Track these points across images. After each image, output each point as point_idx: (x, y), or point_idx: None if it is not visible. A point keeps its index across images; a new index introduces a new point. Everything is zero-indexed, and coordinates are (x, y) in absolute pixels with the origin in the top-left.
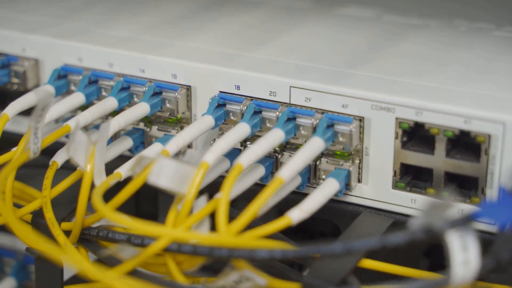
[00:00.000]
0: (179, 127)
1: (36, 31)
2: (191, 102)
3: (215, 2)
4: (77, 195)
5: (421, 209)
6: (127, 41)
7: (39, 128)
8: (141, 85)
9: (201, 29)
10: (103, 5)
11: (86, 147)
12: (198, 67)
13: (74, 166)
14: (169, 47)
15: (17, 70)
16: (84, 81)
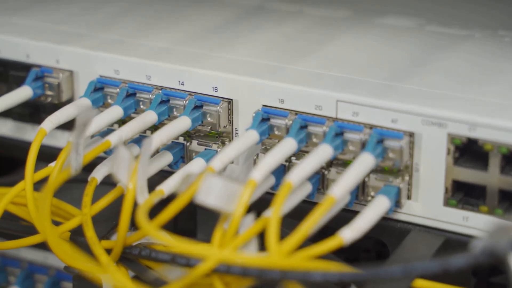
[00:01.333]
0: (220, 141)
1: (70, 42)
2: (232, 116)
3: (250, 12)
4: (114, 212)
5: (484, 230)
6: (165, 53)
7: (80, 144)
8: (181, 98)
9: (239, 39)
10: (134, 15)
11: (129, 163)
12: (240, 80)
13: (113, 181)
14: (209, 59)
15: (51, 82)
16: (122, 94)
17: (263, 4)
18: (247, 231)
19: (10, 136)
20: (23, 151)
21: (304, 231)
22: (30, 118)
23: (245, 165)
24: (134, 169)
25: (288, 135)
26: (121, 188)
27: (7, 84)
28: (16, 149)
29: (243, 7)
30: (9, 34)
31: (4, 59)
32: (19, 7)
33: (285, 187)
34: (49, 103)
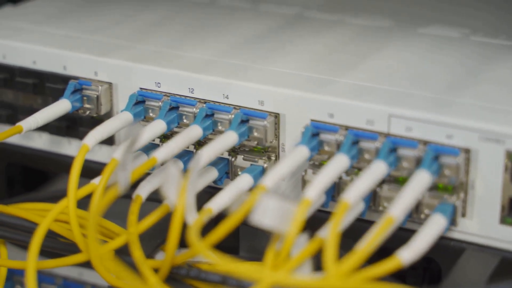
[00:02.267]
0: (266, 157)
1: (109, 54)
2: (279, 131)
3: (290, 21)
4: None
5: None
6: (208, 64)
7: (129, 162)
8: (226, 112)
9: (283, 50)
10: (171, 25)
11: (177, 180)
12: (288, 93)
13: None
14: (253, 71)
15: (89, 95)
16: (164, 108)
17: (302, 12)
18: (301, 252)
19: (45, 149)
20: (59, 165)
21: (363, 252)
22: (67, 132)
23: (291, 181)
24: (183, 186)
25: (340, 151)
26: (167, 206)
27: (43, 96)
28: (51, 162)
29: (282, 16)
30: (44, 44)
31: (40, 70)
32: (49, 16)
33: (342, 206)
34: (87, 116)
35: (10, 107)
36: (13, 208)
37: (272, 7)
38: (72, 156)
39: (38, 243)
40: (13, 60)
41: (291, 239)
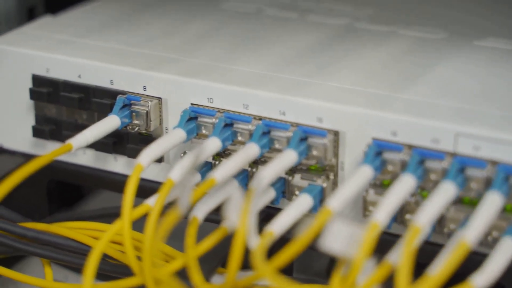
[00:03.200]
0: (324, 176)
1: (158, 68)
2: (338, 149)
3: (341, 33)
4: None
5: None
6: (262, 79)
7: (190, 183)
8: (284, 129)
9: (338, 65)
10: (219, 36)
11: (238, 202)
12: (348, 110)
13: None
14: (310, 87)
15: (138, 110)
16: (219, 125)
17: (352, 24)
18: (369, 278)
19: (90, 166)
20: (104, 182)
21: (438, 278)
22: (114, 148)
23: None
24: (245, 208)
25: (406, 171)
26: (225, 228)
27: (88, 111)
28: (96, 179)
29: (331, 27)
30: (90, 58)
31: (85, 84)
32: (91, 28)
33: (414, 231)
34: (134, 132)
35: (53, 122)
36: (57, 227)
37: (320, 18)
38: (119, 173)
39: (94, 266)
40: (57, 73)
41: (359, 264)
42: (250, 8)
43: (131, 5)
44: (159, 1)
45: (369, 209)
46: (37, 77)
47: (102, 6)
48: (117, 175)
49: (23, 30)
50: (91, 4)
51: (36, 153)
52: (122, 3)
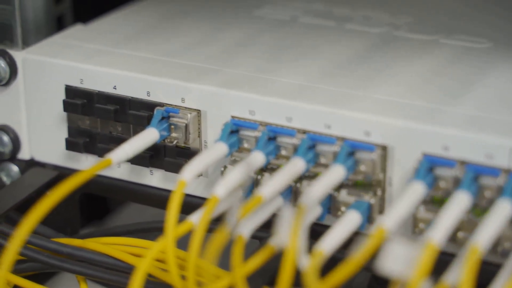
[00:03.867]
0: (372, 191)
1: (197, 79)
2: (386, 164)
3: (381, 42)
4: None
5: None
6: (305, 91)
7: (237, 200)
8: (330, 143)
9: (382, 75)
10: (256, 46)
11: (289, 221)
12: (397, 124)
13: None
14: (356, 99)
15: (177, 123)
16: (262, 138)
17: (391, 32)
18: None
19: (125, 179)
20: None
21: None
22: (150, 162)
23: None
24: (295, 226)
25: (460, 188)
26: (272, 246)
27: (124, 124)
28: (131, 193)
29: (370, 36)
30: (126, 68)
31: (121, 96)
32: (125, 37)
33: (473, 252)
34: (172, 145)
35: (87, 134)
36: (92, 242)
37: (357, 26)
38: (155, 187)
39: (139, 286)
40: (92, 85)
41: (416, 286)
42: (284, 15)
43: (163, 12)
44: (191, 8)
45: (419, 226)
46: (70, 88)
47: (133, 14)
48: (153, 189)
49: (54, 39)
50: (122, 12)
51: (69, 166)
52: (153, 11)
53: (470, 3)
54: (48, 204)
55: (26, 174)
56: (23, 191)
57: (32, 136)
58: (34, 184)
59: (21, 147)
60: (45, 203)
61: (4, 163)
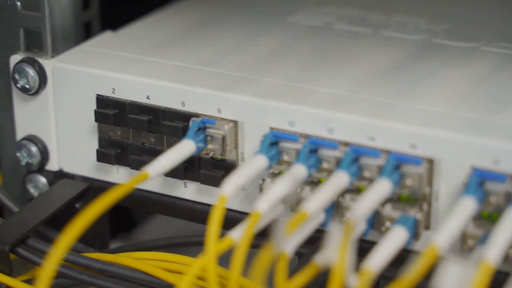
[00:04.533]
0: (418, 206)
1: (234, 89)
2: (432, 177)
3: (420, 50)
4: None
5: None
6: (346, 102)
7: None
8: (374, 156)
9: (425, 85)
10: (291, 55)
11: (337, 239)
12: (444, 136)
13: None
14: (400, 109)
15: (214, 134)
16: (304, 151)
17: (430, 39)
18: None
19: (158, 192)
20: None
21: None
22: (185, 174)
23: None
24: (343, 244)
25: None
26: (317, 264)
27: (157, 134)
28: (164, 207)
29: (409, 43)
30: (160, 77)
31: (154, 106)
32: (156, 45)
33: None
34: (208, 157)
35: (118, 145)
36: (125, 258)
37: (394, 33)
38: (189, 200)
39: None
40: (124, 94)
41: None
42: (318, 22)
43: (194, 19)
44: (222, 14)
45: (468, 243)
46: (102, 98)
47: (163, 21)
48: (187, 202)
49: (84, 47)
50: (151, 18)
51: (99, 177)
52: (183, 18)
53: (506, 9)
54: (85, 220)
55: (55, 186)
56: (53, 204)
57: (61, 146)
58: (64, 197)
59: (50, 158)
60: (82, 219)
61: (31, 175)
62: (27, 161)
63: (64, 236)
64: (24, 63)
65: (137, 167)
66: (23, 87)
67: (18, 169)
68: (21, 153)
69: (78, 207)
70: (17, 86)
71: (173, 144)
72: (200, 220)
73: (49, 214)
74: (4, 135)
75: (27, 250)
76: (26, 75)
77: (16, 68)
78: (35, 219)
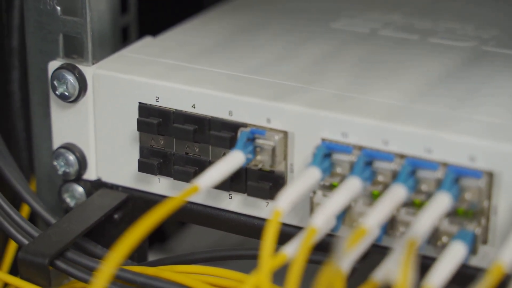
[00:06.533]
0: (476, 220)
1: (284, 98)
2: (491, 191)
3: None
4: None
5: None
6: (401, 112)
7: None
8: (432, 169)
9: (479, 95)
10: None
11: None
12: (504, 149)
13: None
14: (457, 120)
15: (263, 145)
16: (359, 163)
17: (479, 46)
18: None
19: (202, 203)
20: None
21: None
22: (231, 185)
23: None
24: (406, 262)
25: None
26: (376, 281)
27: (202, 144)
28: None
29: (459, 51)
30: (206, 86)
31: (201, 115)
32: (198, 51)
33: None
34: (256, 169)
35: (161, 155)
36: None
37: (443, 40)
38: (234, 212)
39: None
40: (168, 103)
41: None
42: (363, 28)
43: (235, 24)
44: (264, 20)
45: None
46: (144, 106)
47: (203, 26)
48: (232, 214)
49: (124, 53)
50: (191, 23)
51: (140, 188)
52: (224, 23)
53: None
54: (137, 235)
55: (94, 196)
56: (92, 215)
57: (99, 156)
58: (103, 208)
59: (87, 167)
60: (133, 234)
61: (68, 184)
62: (64, 170)
63: (115, 252)
64: (64, 70)
65: (180, 178)
66: (62, 94)
67: (54, 178)
68: (58, 162)
69: (117, 218)
70: (56, 93)
71: (219, 154)
72: (245, 233)
73: (89, 226)
74: (40, 144)
75: (66, 263)
76: (66, 82)
77: (55, 74)
78: (74, 231)
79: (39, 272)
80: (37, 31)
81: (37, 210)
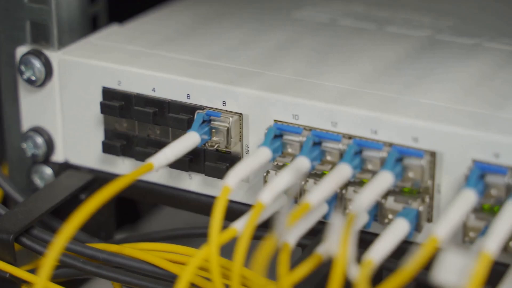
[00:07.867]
0: (420, 199)
1: (239, 82)
2: (435, 170)
3: (425, 46)
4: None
5: None
6: (350, 95)
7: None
8: (377, 149)
9: (427, 80)
10: (296, 50)
11: (337, 229)
12: (447, 130)
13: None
14: (403, 104)
15: (218, 127)
16: (307, 144)
17: (434, 35)
18: None
19: (162, 184)
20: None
21: None
22: (190, 166)
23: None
24: (345, 235)
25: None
26: (319, 255)
27: (162, 127)
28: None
29: (413, 40)
30: (165, 70)
31: (160, 98)
32: (162, 38)
33: None
34: (212, 149)
35: (124, 137)
36: (130, 248)
37: (399, 29)
38: (194, 192)
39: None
40: (130, 87)
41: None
42: (323, 18)
43: (200, 14)
44: (228, 9)
45: (470, 235)
46: (108, 90)
47: (170, 15)
48: (192, 194)
49: (90, 40)
50: (158, 12)
51: (104, 169)
52: (189, 12)
53: (509, 6)
54: (88, 210)
55: (61, 177)
56: (58, 195)
57: (66, 138)
58: (69, 188)
59: (55, 150)
60: (85, 209)
61: (37, 166)
62: (33, 152)
63: (67, 226)
64: (30, 55)
65: (143, 159)
66: (29, 79)
67: (24, 160)
68: (27, 144)
69: (83, 198)
70: (23, 78)
71: (179, 136)
72: (205, 212)
73: (54, 205)
74: (9, 127)
75: (31, 239)
76: (32, 67)
77: (22, 60)
78: (40, 210)
79: (4, 249)
80: (5, 19)
81: (7, 190)
